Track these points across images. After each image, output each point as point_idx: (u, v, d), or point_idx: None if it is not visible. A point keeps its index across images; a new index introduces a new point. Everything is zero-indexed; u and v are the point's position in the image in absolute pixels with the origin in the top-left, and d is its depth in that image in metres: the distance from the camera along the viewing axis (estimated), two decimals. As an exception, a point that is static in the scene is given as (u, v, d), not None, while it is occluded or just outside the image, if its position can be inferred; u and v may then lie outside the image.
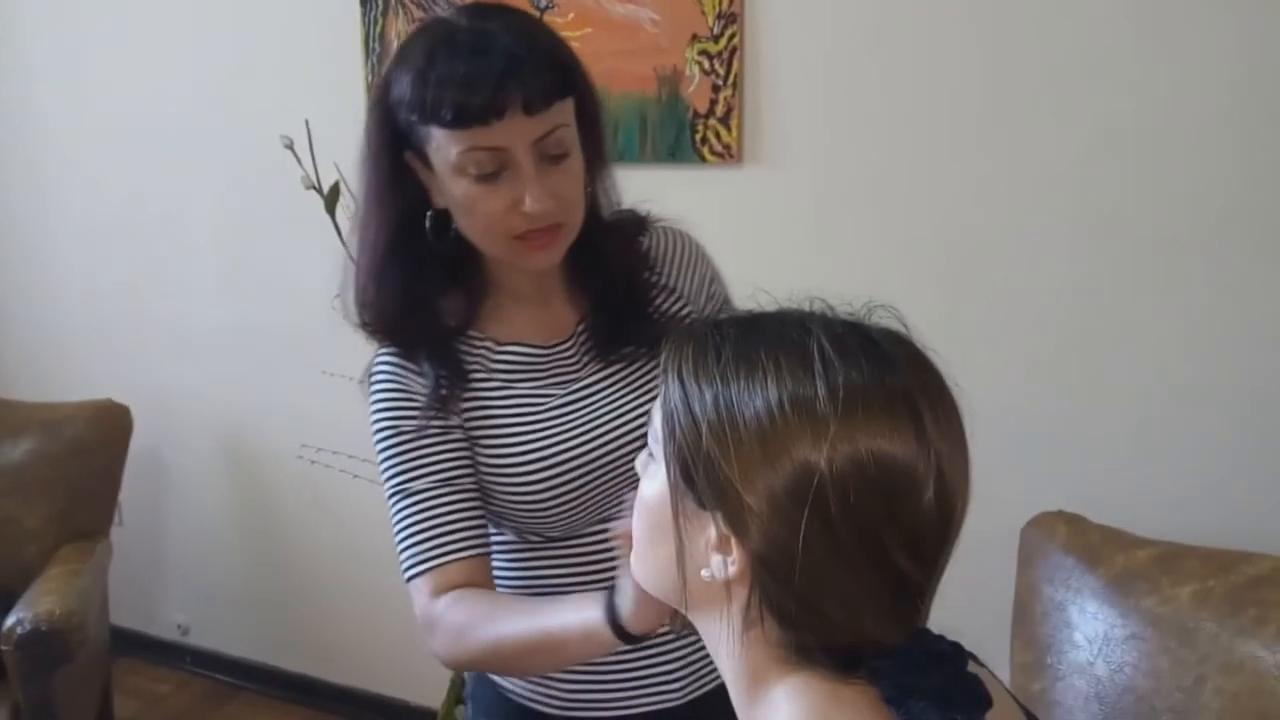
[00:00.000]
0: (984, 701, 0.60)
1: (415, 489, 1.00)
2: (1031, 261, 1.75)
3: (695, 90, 1.91)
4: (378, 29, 2.15)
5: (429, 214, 1.01)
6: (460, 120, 0.92)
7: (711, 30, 1.88)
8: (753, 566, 0.61)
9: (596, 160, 1.04)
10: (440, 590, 0.98)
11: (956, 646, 0.63)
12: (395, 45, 2.13)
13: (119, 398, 2.38)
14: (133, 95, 2.50)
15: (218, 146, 2.41)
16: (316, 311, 2.29)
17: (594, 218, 1.05)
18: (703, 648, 1.09)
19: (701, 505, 0.63)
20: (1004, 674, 1.69)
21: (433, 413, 1.01)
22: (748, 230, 1.96)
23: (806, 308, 0.66)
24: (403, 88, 0.94)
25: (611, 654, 1.06)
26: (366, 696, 2.52)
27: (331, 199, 1.78)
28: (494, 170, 0.94)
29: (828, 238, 1.90)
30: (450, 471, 1.01)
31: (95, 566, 2.20)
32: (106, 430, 2.35)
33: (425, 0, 2.09)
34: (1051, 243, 1.73)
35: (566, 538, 1.08)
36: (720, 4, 1.86)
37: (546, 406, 1.05)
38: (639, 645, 1.06)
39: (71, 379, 2.59)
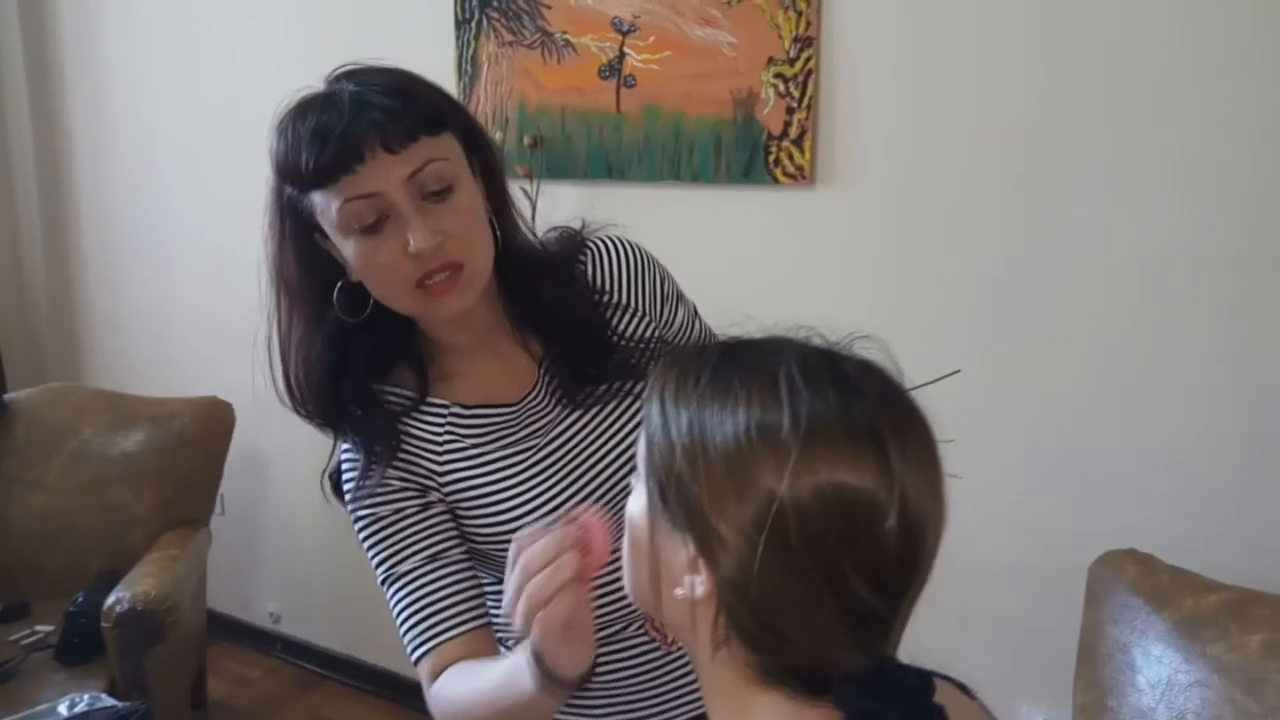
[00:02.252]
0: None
1: (402, 572, 0.99)
2: (1102, 290, 1.70)
3: (770, 112, 1.93)
4: (470, 51, 2.23)
5: (337, 287, 0.98)
6: (325, 173, 0.90)
7: (788, 53, 1.89)
8: (719, 588, 0.63)
9: (497, 195, 1.01)
10: (434, 674, 0.98)
11: (923, 676, 0.63)
12: (485, 67, 2.23)
13: (224, 396, 2.53)
14: (240, 111, 2.67)
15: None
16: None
17: (515, 253, 1.02)
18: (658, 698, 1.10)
19: (675, 526, 0.65)
20: (1066, 715, 1.64)
21: (412, 495, 1.00)
22: (819, 251, 1.96)
23: (785, 335, 0.68)
24: (275, 160, 0.95)
25: (635, 664, 1.08)
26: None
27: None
28: (375, 220, 0.92)
29: (898, 260, 1.89)
30: (435, 547, 1.00)
31: (193, 553, 2.34)
32: (211, 425, 2.51)
33: (514, 24, 2.17)
34: (1128, 266, 1.68)
35: None
36: (797, 28, 1.88)
37: (526, 463, 1.02)
38: (662, 661, 1.09)
39: (185, 380, 2.77)
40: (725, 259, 2.01)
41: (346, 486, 1.04)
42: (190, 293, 2.90)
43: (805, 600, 0.60)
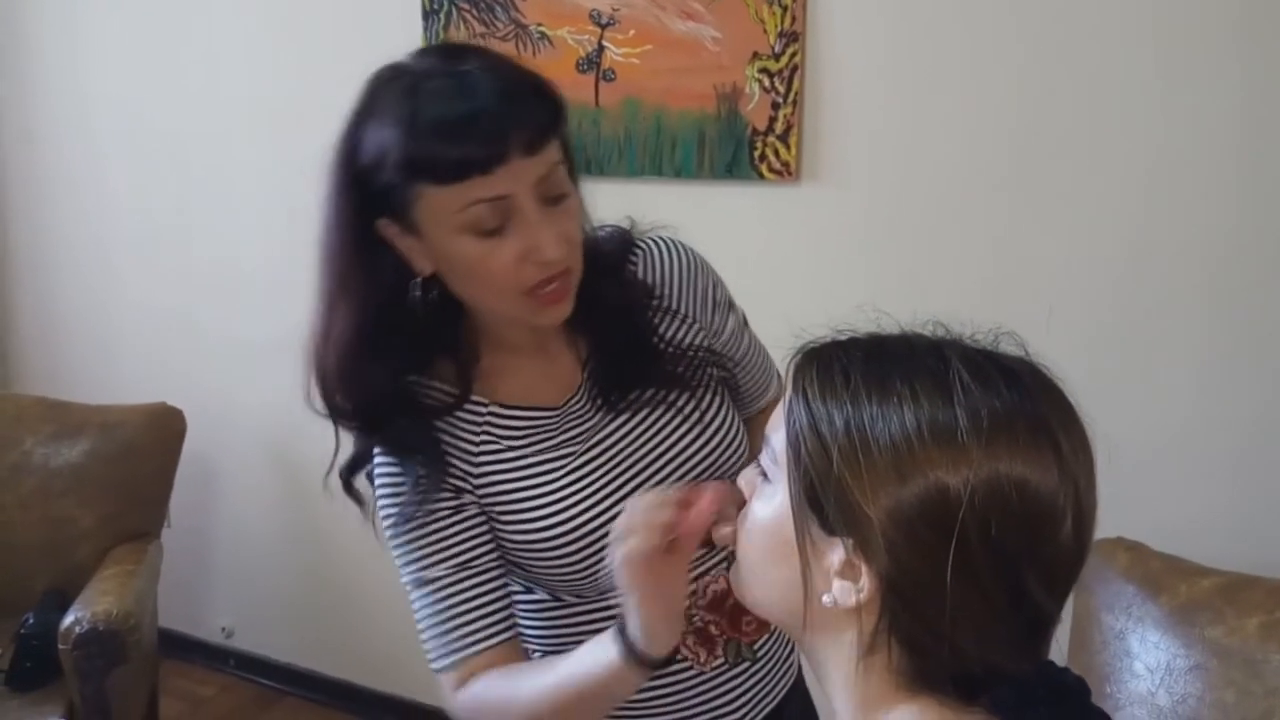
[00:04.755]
0: (1107, 734, 0.60)
1: (431, 577, 0.95)
2: (1088, 280, 1.74)
3: (755, 108, 1.91)
4: (439, 40, 2.17)
5: (416, 283, 0.93)
6: (462, 171, 0.84)
7: (773, 48, 1.88)
8: (882, 594, 0.61)
9: (578, 192, 0.97)
10: (461, 684, 0.95)
11: (1080, 680, 0.62)
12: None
13: (175, 401, 2.41)
14: (183, 108, 2.55)
15: (271, 157, 2.44)
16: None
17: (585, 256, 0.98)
18: (758, 674, 1.08)
19: (828, 530, 0.62)
20: (1060, 701, 1.67)
21: (445, 496, 0.95)
22: (804, 247, 1.96)
23: (930, 332, 0.66)
24: (379, 147, 0.86)
25: (673, 683, 1.05)
26: (408, 704, 2.52)
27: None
28: (498, 224, 0.87)
29: (884, 256, 1.90)
30: (467, 554, 0.95)
31: (148, 568, 2.23)
32: (160, 432, 2.39)
33: (486, 16, 2.12)
34: (1111, 263, 1.72)
35: (605, 593, 1.01)
36: (782, 23, 1.87)
37: (566, 469, 0.98)
38: (695, 681, 1.06)
39: (127, 385, 2.63)
40: (710, 255, 1.97)
41: (378, 488, 0.98)
42: (132, 291, 2.75)
43: (980, 602, 0.59)
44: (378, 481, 0.99)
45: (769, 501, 0.68)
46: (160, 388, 2.48)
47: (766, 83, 1.90)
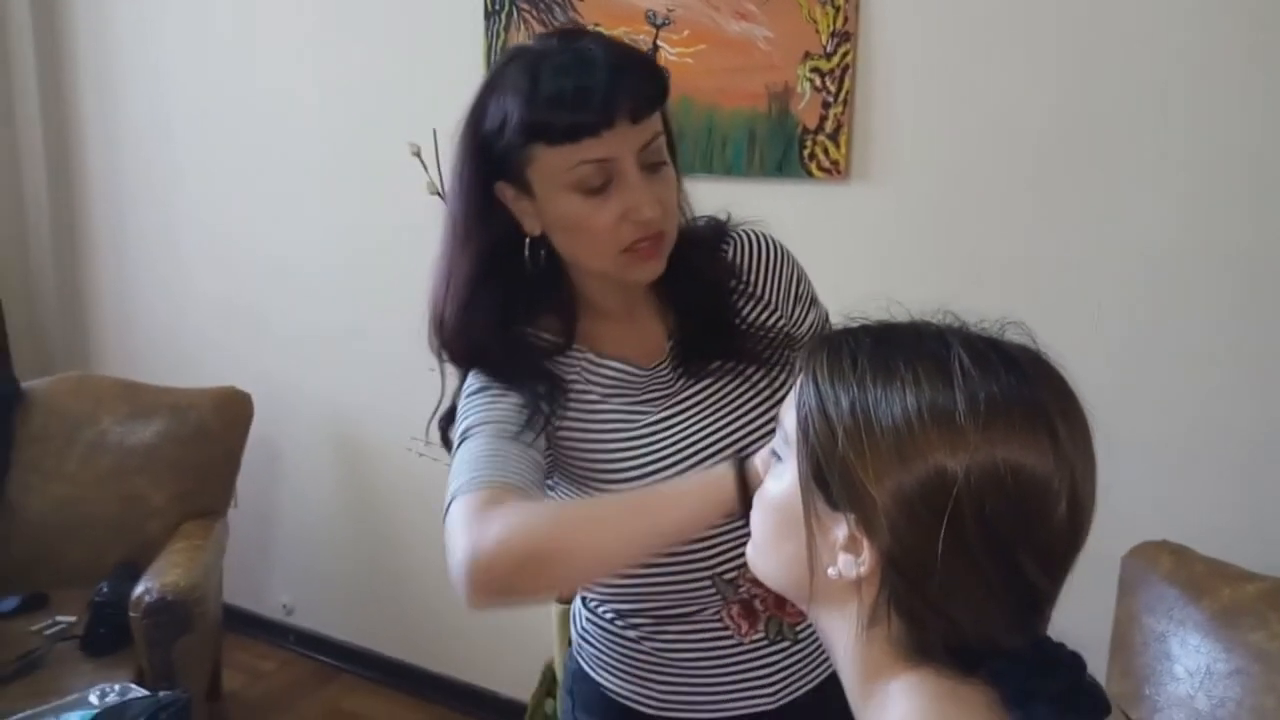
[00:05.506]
0: (1105, 708, 0.62)
1: (485, 432, 0.97)
2: (1136, 278, 1.73)
3: (806, 107, 1.94)
4: (500, 42, 2.23)
5: (528, 240, 1.02)
6: (573, 133, 0.93)
7: (825, 48, 1.91)
8: (882, 568, 0.64)
9: (677, 173, 1.05)
10: (493, 497, 0.90)
11: (1076, 655, 0.65)
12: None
13: (243, 385, 2.52)
14: (253, 113, 2.66)
15: (340, 153, 2.54)
16: (425, 312, 2.43)
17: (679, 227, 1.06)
18: (797, 653, 1.12)
19: (833, 506, 0.66)
20: (1099, 703, 1.66)
21: (540, 419, 1.01)
22: (853, 245, 1.98)
23: (938, 320, 0.69)
24: (503, 114, 0.95)
25: (711, 652, 1.09)
26: (459, 685, 2.60)
27: (452, 204, 1.86)
28: (601, 184, 0.95)
29: (933, 254, 1.91)
30: (523, 437, 0.98)
31: (214, 544, 2.33)
32: (229, 415, 2.49)
33: (546, 16, 2.17)
34: (1159, 260, 1.71)
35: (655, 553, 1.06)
36: (835, 23, 1.89)
37: (641, 424, 1.06)
38: (733, 651, 1.10)
39: (199, 370, 2.75)
40: (758, 252, 2.01)
41: (469, 382, 1.04)
42: (204, 283, 2.88)
43: (975, 579, 0.61)
44: (465, 386, 1.04)
45: (780, 480, 0.71)
46: (230, 374, 2.59)
47: (818, 82, 1.92)
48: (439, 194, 1.88)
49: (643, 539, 0.91)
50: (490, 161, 0.99)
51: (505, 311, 1.05)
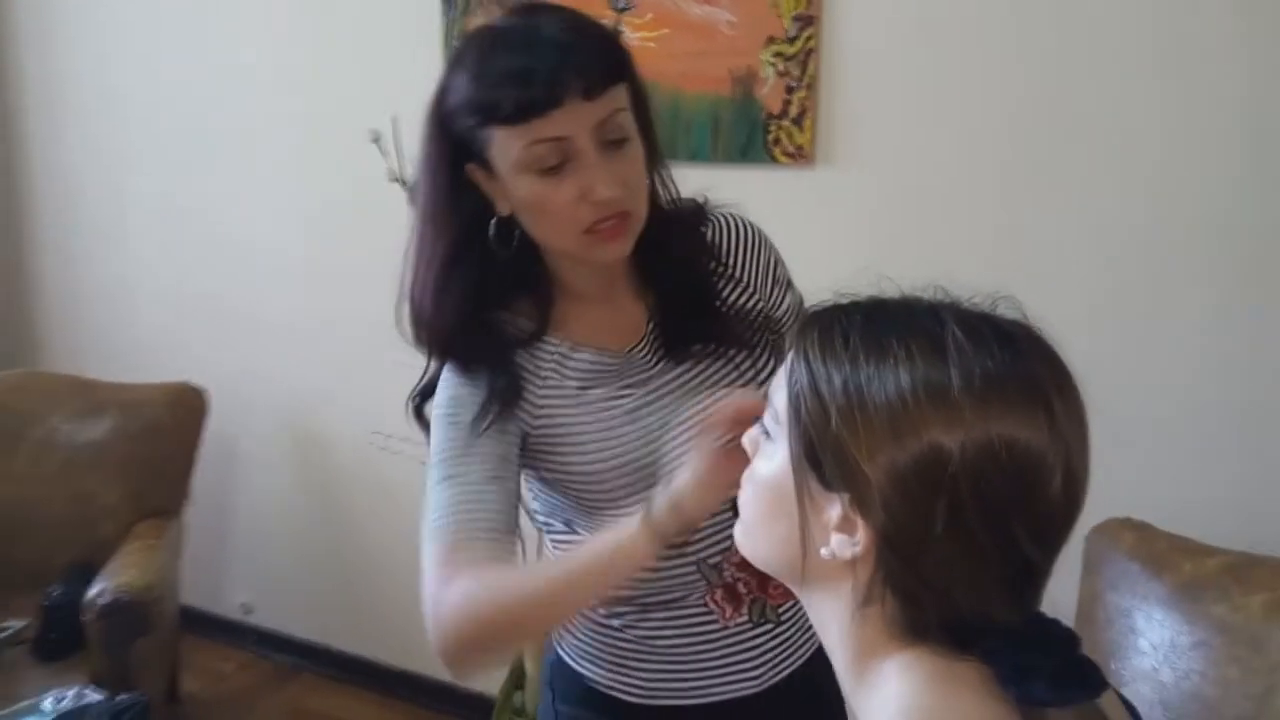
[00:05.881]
0: (1100, 684, 0.62)
1: (460, 473, 0.99)
2: (1099, 260, 1.75)
3: (769, 91, 1.93)
4: (458, 27, 2.20)
5: (493, 222, 1.00)
6: (521, 113, 0.91)
7: (788, 32, 1.90)
8: (877, 547, 0.63)
9: (652, 151, 1.03)
10: (452, 559, 0.96)
11: (1070, 632, 0.65)
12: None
13: (197, 379, 2.46)
14: (207, 95, 2.59)
15: (299, 139, 2.48)
16: (388, 302, 2.39)
17: (654, 209, 1.04)
18: (781, 635, 1.11)
19: (825, 485, 0.65)
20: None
21: (493, 413, 1.01)
22: (818, 230, 1.97)
23: (929, 296, 0.68)
24: (458, 94, 0.95)
25: (695, 636, 1.08)
26: (425, 680, 2.56)
27: (414, 190, 1.83)
28: (558, 162, 0.94)
29: (898, 239, 1.91)
30: (499, 470, 1.01)
31: (170, 543, 2.28)
32: (183, 411, 2.43)
33: (506, 1, 2.14)
34: (1120, 243, 1.73)
35: None
36: (798, 6, 1.89)
37: (622, 409, 1.05)
38: (718, 635, 1.09)
39: (151, 362, 2.68)
40: (723, 238, 2.01)
41: (439, 396, 1.04)
42: (155, 273, 2.80)
43: (970, 555, 0.61)
44: (441, 385, 1.05)
45: (770, 459, 0.70)
46: (184, 368, 2.53)
47: (781, 66, 1.92)
48: (399, 181, 1.85)
49: (577, 603, 1.00)
50: (454, 142, 0.98)
51: (479, 295, 1.03)
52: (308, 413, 2.64)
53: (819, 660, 1.15)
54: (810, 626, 1.14)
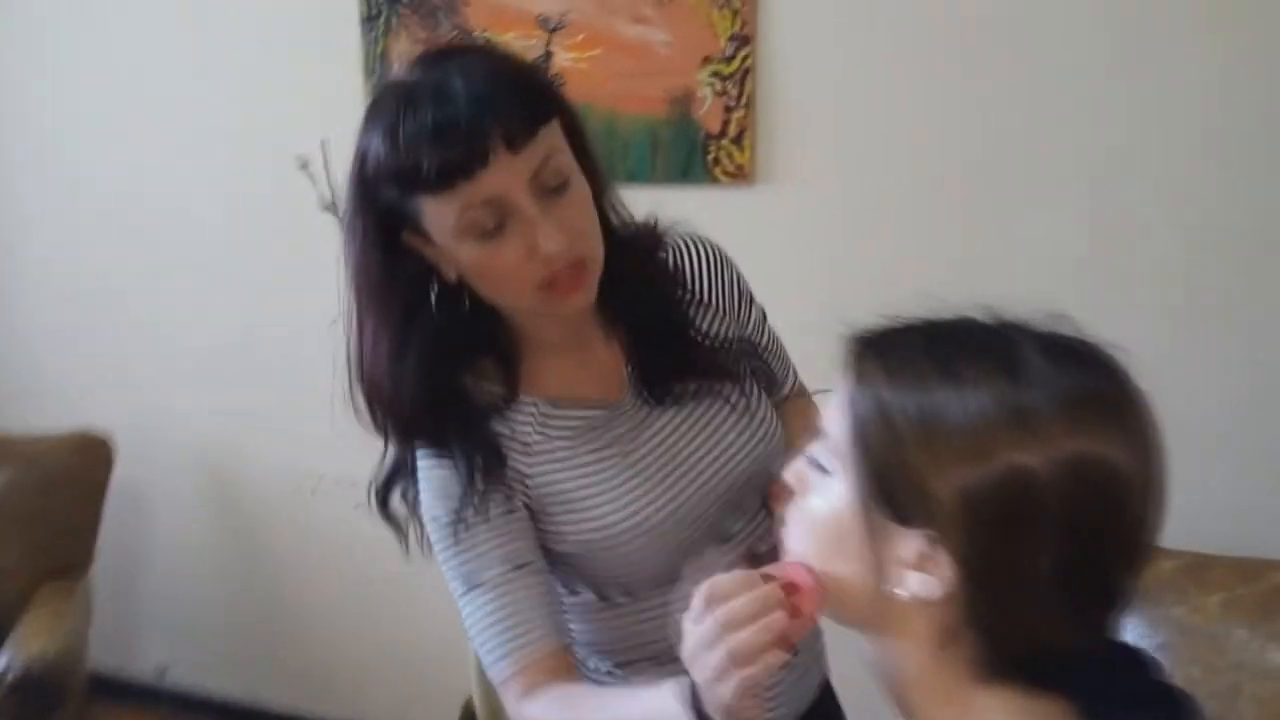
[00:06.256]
0: (1193, 711, 0.60)
1: (487, 578, 0.94)
2: (1047, 273, 1.78)
3: (707, 111, 1.91)
4: (379, 48, 2.12)
5: (434, 292, 0.94)
6: (445, 180, 0.84)
7: (724, 52, 1.89)
8: (961, 582, 0.60)
9: (596, 180, 0.96)
10: (528, 690, 0.92)
11: (1153, 657, 0.63)
12: (397, 66, 2.11)
13: (101, 423, 2.29)
14: (106, 118, 2.41)
15: (203, 165, 2.33)
16: (318, 335, 2.26)
17: (609, 240, 0.96)
18: (792, 673, 1.07)
19: (900, 520, 0.61)
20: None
21: (494, 497, 0.94)
22: (760, 249, 1.93)
23: (983, 315, 0.66)
24: (376, 160, 0.87)
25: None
26: (365, 732, 2.44)
27: (346, 220, 1.74)
28: (496, 224, 0.87)
29: (840, 257, 1.92)
30: (520, 554, 0.95)
31: (80, 606, 2.11)
32: (87, 461, 2.27)
33: (428, 21, 2.07)
34: (1070, 258, 1.76)
35: (660, 586, 1.01)
36: (734, 26, 1.87)
37: (620, 467, 0.98)
38: None
39: (47, 409, 2.48)
40: (666, 260, 1.98)
41: (424, 493, 0.97)
42: (47, 308, 2.60)
43: (1060, 583, 0.58)
44: (422, 486, 0.97)
45: (827, 496, 0.66)
46: (85, 412, 2.35)
47: (719, 86, 1.90)
48: (331, 209, 1.76)
49: None
50: (383, 211, 0.90)
51: (439, 364, 0.95)
52: (228, 455, 2.48)
53: (829, 698, 1.12)
54: (818, 658, 1.11)
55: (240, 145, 2.29)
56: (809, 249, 1.93)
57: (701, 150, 1.93)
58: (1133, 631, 1.58)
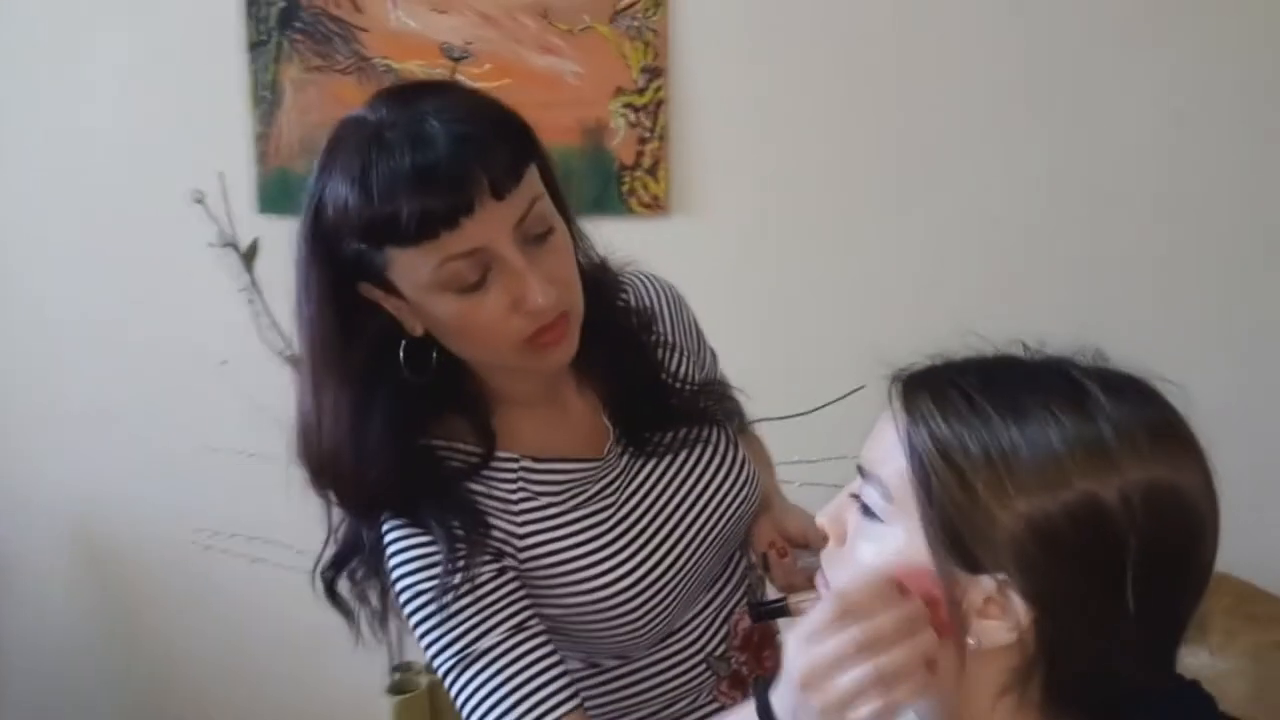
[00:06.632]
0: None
1: (485, 649, 0.84)
2: (955, 301, 1.84)
3: (621, 142, 1.90)
4: (268, 75, 2.00)
5: (403, 347, 0.86)
6: (425, 230, 0.77)
7: (636, 83, 1.88)
8: (1033, 624, 0.58)
9: (570, 225, 0.91)
10: None
11: (1208, 694, 0.63)
12: (289, 94, 2.00)
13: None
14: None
15: (82, 198, 2.13)
16: (198, 379, 2.10)
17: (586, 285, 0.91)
18: None
19: (967, 567, 0.60)
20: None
21: (486, 559, 0.86)
22: (678, 280, 1.93)
23: (1029, 352, 0.66)
24: (339, 209, 0.80)
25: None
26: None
27: (250, 255, 1.63)
28: (478, 278, 0.81)
29: (756, 286, 1.93)
30: (518, 616, 0.86)
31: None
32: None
33: (323, 48, 1.98)
34: (981, 285, 1.83)
35: (654, 648, 0.97)
36: (645, 57, 1.87)
37: (610, 523, 0.92)
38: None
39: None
40: (582, 293, 1.94)
41: (399, 567, 0.87)
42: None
43: (1134, 617, 0.58)
44: (397, 560, 0.88)
45: (880, 542, 0.64)
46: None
47: (632, 117, 1.89)
48: (232, 245, 1.64)
49: None
50: (342, 264, 0.83)
51: (405, 429, 0.87)
52: (102, 513, 2.27)
53: None
54: None
55: (123, 181, 2.11)
56: (726, 280, 1.93)
57: (616, 181, 1.91)
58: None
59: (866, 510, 0.65)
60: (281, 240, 0.88)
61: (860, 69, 1.82)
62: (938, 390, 0.62)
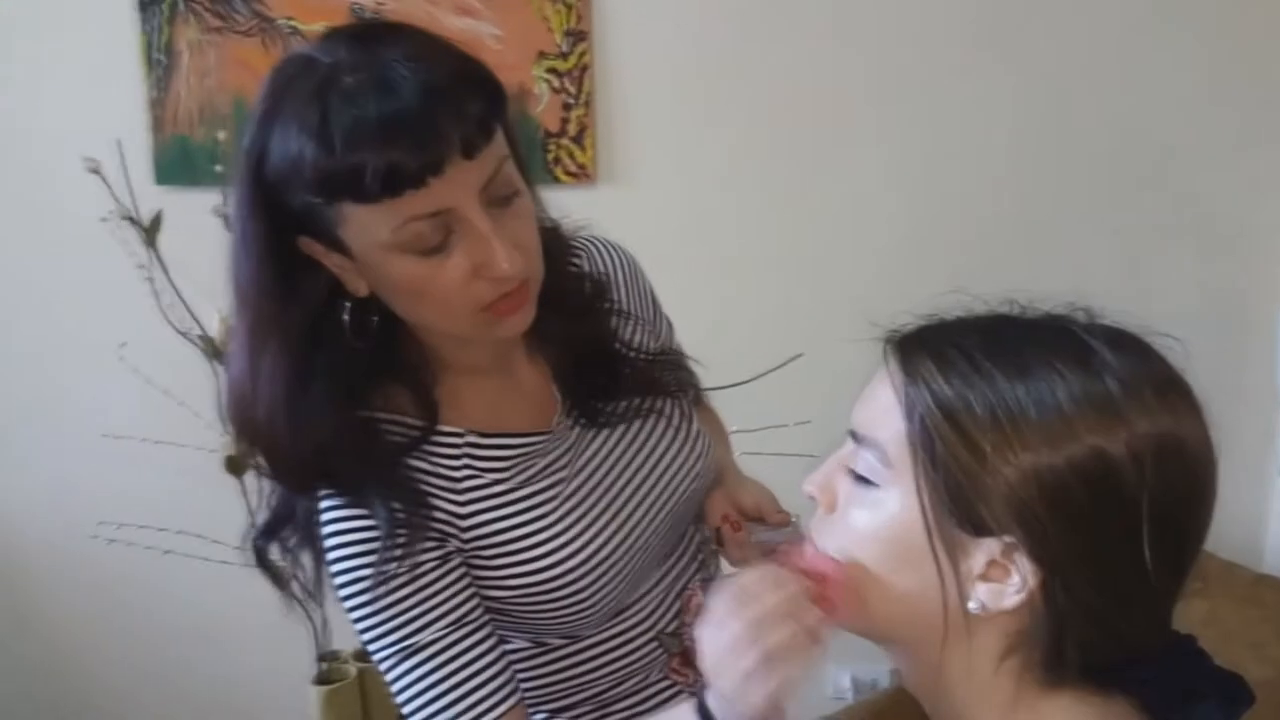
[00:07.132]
0: (1251, 694, 0.60)
1: (425, 642, 0.81)
2: (878, 264, 1.85)
3: (545, 109, 1.84)
4: (163, 38, 1.87)
5: (346, 306, 0.81)
6: (389, 189, 0.71)
7: (560, 48, 1.82)
8: (1046, 586, 0.57)
9: (530, 187, 0.85)
10: None
11: (1201, 649, 0.62)
12: (186, 57, 1.88)
13: None
14: None
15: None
16: (95, 366, 1.96)
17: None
18: None
19: (970, 530, 0.58)
20: (875, 669, 1.75)
21: (429, 545, 0.82)
22: (605, 252, 1.91)
23: (1024, 309, 0.64)
24: (288, 159, 0.73)
25: (658, 703, 0.96)
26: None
27: (153, 229, 1.51)
28: (440, 240, 0.76)
29: (686, 255, 1.88)
30: (460, 609, 0.82)
31: None
32: None
33: (222, 8, 1.85)
34: (901, 251, 1.84)
35: (603, 626, 0.93)
36: (568, 21, 1.81)
37: (559, 499, 0.88)
38: (673, 694, 0.98)
39: None
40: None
41: (336, 550, 0.82)
42: None
43: (1144, 576, 0.57)
44: (333, 541, 0.82)
45: (877, 508, 0.62)
46: None
47: (556, 83, 1.83)
48: (131, 219, 1.53)
49: None
50: (286, 216, 0.76)
51: (344, 398, 0.81)
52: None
53: None
54: None
55: (4, 149, 1.95)
56: (654, 250, 1.88)
57: (541, 150, 1.85)
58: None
59: (859, 477, 0.63)
60: (182, 214, 0.81)
61: (792, 29, 1.80)
62: (937, 350, 0.60)
